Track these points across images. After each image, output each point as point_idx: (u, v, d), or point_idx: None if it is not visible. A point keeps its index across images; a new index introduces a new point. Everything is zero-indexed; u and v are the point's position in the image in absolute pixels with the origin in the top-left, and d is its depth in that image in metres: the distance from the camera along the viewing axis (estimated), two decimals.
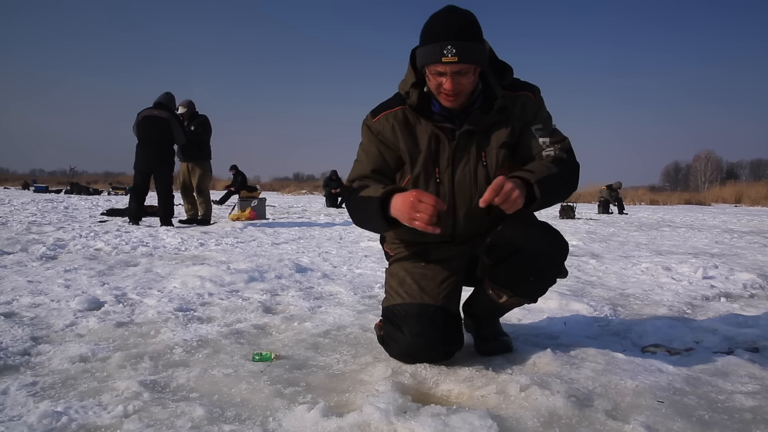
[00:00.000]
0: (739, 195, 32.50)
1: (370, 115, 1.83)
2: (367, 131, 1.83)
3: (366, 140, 1.83)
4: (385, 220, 1.61)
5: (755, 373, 1.74)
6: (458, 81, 1.63)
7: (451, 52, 1.58)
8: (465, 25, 1.62)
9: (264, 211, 9.22)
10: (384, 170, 1.79)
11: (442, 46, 1.59)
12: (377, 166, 1.79)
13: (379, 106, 1.83)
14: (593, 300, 2.88)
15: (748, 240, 7.25)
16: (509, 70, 1.77)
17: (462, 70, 1.62)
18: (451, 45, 1.58)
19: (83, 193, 21.07)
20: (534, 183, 1.57)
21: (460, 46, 1.58)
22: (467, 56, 1.60)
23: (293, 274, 3.46)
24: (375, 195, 1.63)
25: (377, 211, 1.60)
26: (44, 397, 1.47)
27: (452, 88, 1.64)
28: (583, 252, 5.35)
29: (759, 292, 3.32)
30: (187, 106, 7.63)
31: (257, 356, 1.82)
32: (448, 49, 1.58)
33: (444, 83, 1.64)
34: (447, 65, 1.60)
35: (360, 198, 1.70)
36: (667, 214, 15.73)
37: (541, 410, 1.38)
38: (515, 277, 1.70)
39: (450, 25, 1.61)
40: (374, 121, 1.80)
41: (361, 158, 1.83)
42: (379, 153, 1.79)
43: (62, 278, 3.14)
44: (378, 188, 1.66)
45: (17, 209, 9.38)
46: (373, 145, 1.80)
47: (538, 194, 1.57)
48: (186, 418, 1.35)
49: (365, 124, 1.84)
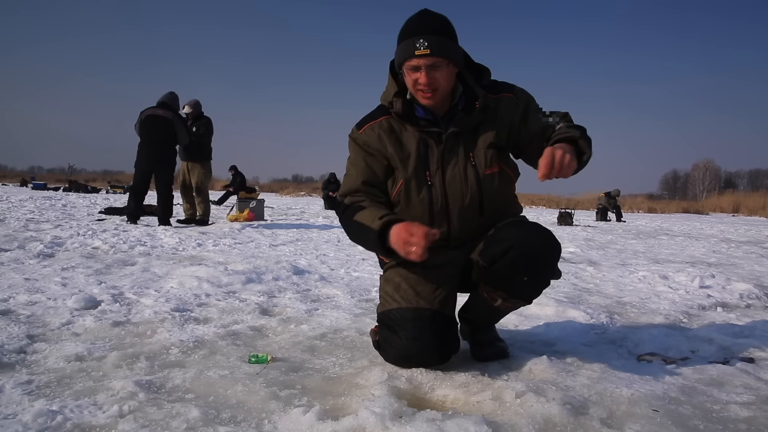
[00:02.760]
0: (737, 204, 32.56)
1: (355, 128, 1.85)
2: (353, 144, 1.85)
3: (353, 154, 1.85)
4: (385, 251, 1.66)
5: (750, 383, 1.74)
6: (433, 75, 1.67)
7: (423, 45, 1.63)
8: (436, 21, 1.68)
9: (262, 212, 9.22)
10: (374, 182, 1.81)
11: (415, 41, 1.64)
12: (367, 177, 1.80)
13: (363, 119, 1.85)
14: (590, 307, 2.88)
15: (745, 250, 7.26)
16: (487, 71, 1.81)
17: (435, 63, 1.66)
18: (423, 38, 1.63)
19: (81, 191, 21.03)
20: (578, 139, 1.63)
21: (432, 39, 1.64)
22: (439, 49, 1.64)
23: (290, 276, 3.46)
24: (372, 227, 1.65)
25: (377, 244, 1.66)
26: (39, 395, 1.46)
27: (427, 81, 1.67)
28: (581, 259, 5.35)
29: (755, 302, 3.33)
30: (194, 106, 7.64)
31: (253, 358, 1.82)
32: (420, 42, 1.64)
33: (419, 78, 1.67)
34: (420, 58, 1.64)
35: (356, 223, 1.73)
36: (665, 223, 15.76)
37: (537, 417, 1.38)
38: (509, 278, 1.71)
39: (421, 21, 1.68)
40: (360, 132, 1.82)
41: (350, 172, 1.84)
42: (367, 165, 1.81)
43: (59, 276, 3.14)
44: (374, 215, 1.68)
45: (15, 206, 9.37)
46: (360, 158, 1.82)
47: (585, 147, 1.63)
48: (181, 419, 1.34)
49: (351, 138, 1.85)
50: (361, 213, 1.73)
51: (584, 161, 1.66)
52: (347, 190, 1.83)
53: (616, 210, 16.09)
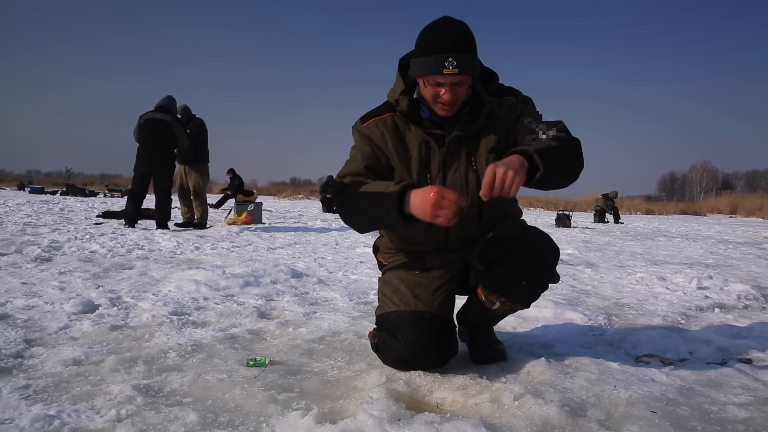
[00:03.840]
0: (735, 206, 32.61)
1: (359, 121, 1.84)
2: (357, 134, 1.84)
3: (358, 141, 1.84)
4: (401, 215, 1.58)
5: (748, 384, 1.74)
6: (456, 92, 1.67)
7: (452, 64, 1.61)
8: (462, 37, 1.65)
9: (260, 215, 9.21)
10: (377, 168, 1.79)
11: (444, 59, 1.61)
12: (371, 163, 1.78)
13: (369, 113, 1.84)
14: (588, 309, 2.88)
15: (742, 251, 7.28)
16: (495, 76, 1.80)
17: (461, 82, 1.65)
18: (453, 57, 1.61)
19: (79, 195, 21.02)
20: (533, 152, 1.57)
21: (460, 58, 1.61)
22: (467, 68, 1.63)
23: (289, 279, 3.46)
24: (388, 190, 1.59)
25: (392, 206, 1.57)
26: (37, 400, 1.46)
27: (450, 98, 1.67)
28: (579, 261, 5.36)
29: (753, 303, 3.34)
30: (182, 111, 7.64)
31: (251, 361, 1.82)
32: (449, 61, 1.61)
33: (443, 94, 1.66)
34: (448, 77, 1.62)
35: (363, 194, 1.67)
36: (663, 224, 15.79)
37: (535, 419, 1.39)
38: (508, 282, 1.71)
39: (449, 37, 1.63)
40: (364, 126, 1.82)
41: (354, 156, 1.82)
42: (372, 152, 1.79)
43: (57, 280, 3.13)
44: (387, 184, 1.63)
45: (12, 210, 9.35)
46: (365, 145, 1.80)
47: (539, 162, 1.55)
48: (179, 423, 1.34)
49: (355, 129, 1.85)
50: (368, 185, 1.67)
51: (536, 179, 1.58)
52: (349, 171, 1.78)
53: (614, 212, 16.12)
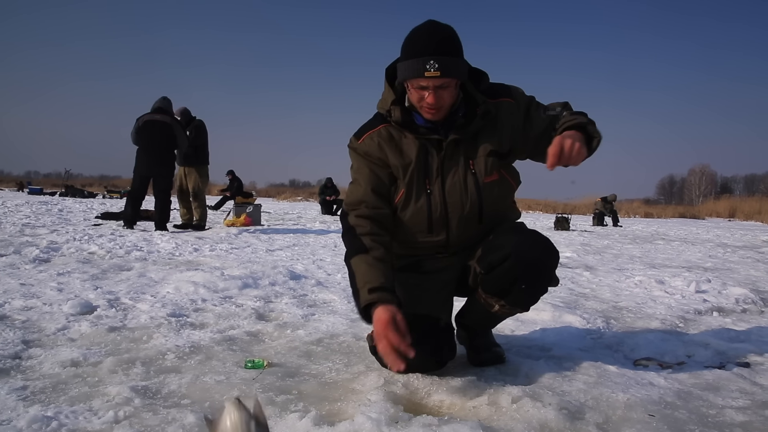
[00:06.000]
0: (733, 209, 32.66)
1: (353, 138, 1.82)
2: (354, 154, 1.82)
3: (356, 163, 1.82)
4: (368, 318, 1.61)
5: (746, 387, 1.74)
6: (440, 95, 1.65)
7: (433, 66, 1.60)
8: (446, 39, 1.64)
9: (259, 217, 9.21)
10: (381, 189, 1.77)
11: (425, 61, 1.60)
12: (374, 185, 1.77)
13: (361, 128, 1.83)
14: (586, 312, 2.88)
15: (741, 255, 7.29)
16: (485, 75, 1.79)
17: (444, 84, 1.64)
18: (434, 60, 1.60)
19: (78, 196, 20.99)
20: (587, 125, 1.64)
21: (442, 60, 1.60)
22: (449, 70, 1.61)
23: (287, 281, 3.46)
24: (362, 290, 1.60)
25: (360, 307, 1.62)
26: (34, 401, 1.46)
27: (434, 101, 1.66)
28: (577, 264, 5.36)
29: (751, 307, 3.34)
30: (182, 114, 7.64)
31: (249, 363, 1.82)
32: (430, 63, 1.60)
33: (426, 97, 1.65)
34: (429, 80, 1.62)
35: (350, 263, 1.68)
36: (662, 227, 15.80)
37: (533, 422, 1.39)
38: (507, 285, 1.71)
39: (431, 40, 1.62)
40: (359, 142, 1.80)
41: (357, 181, 1.80)
42: (372, 172, 1.78)
43: (55, 281, 3.13)
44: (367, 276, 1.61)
45: (11, 211, 9.34)
46: (364, 165, 1.79)
47: (594, 133, 1.64)
48: (177, 424, 1.34)
49: (351, 148, 1.83)
50: (358, 259, 1.66)
51: (593, 147, 1.65)
52: (354, 200, 1.78)
53: (613, 215, 16.13)
